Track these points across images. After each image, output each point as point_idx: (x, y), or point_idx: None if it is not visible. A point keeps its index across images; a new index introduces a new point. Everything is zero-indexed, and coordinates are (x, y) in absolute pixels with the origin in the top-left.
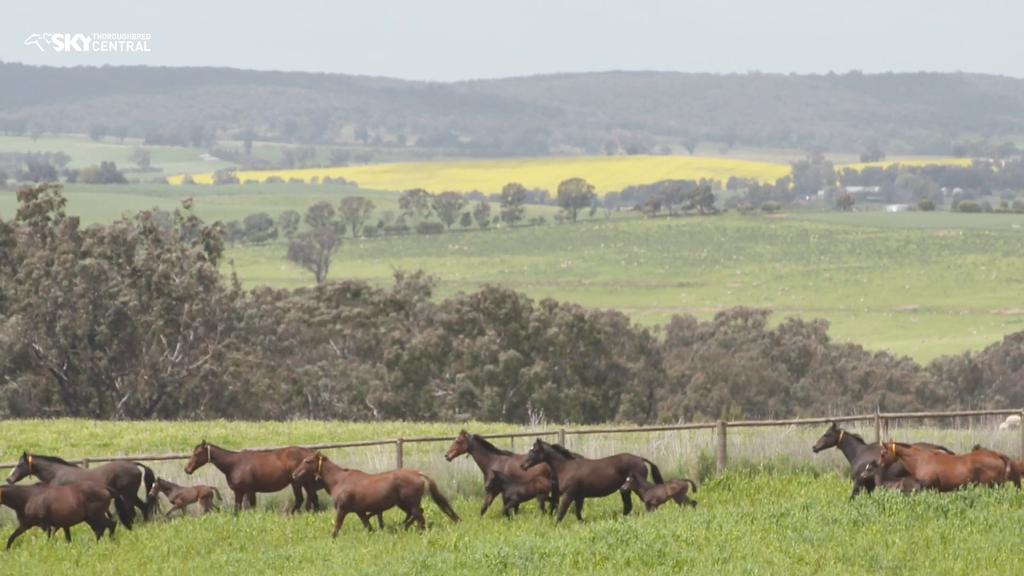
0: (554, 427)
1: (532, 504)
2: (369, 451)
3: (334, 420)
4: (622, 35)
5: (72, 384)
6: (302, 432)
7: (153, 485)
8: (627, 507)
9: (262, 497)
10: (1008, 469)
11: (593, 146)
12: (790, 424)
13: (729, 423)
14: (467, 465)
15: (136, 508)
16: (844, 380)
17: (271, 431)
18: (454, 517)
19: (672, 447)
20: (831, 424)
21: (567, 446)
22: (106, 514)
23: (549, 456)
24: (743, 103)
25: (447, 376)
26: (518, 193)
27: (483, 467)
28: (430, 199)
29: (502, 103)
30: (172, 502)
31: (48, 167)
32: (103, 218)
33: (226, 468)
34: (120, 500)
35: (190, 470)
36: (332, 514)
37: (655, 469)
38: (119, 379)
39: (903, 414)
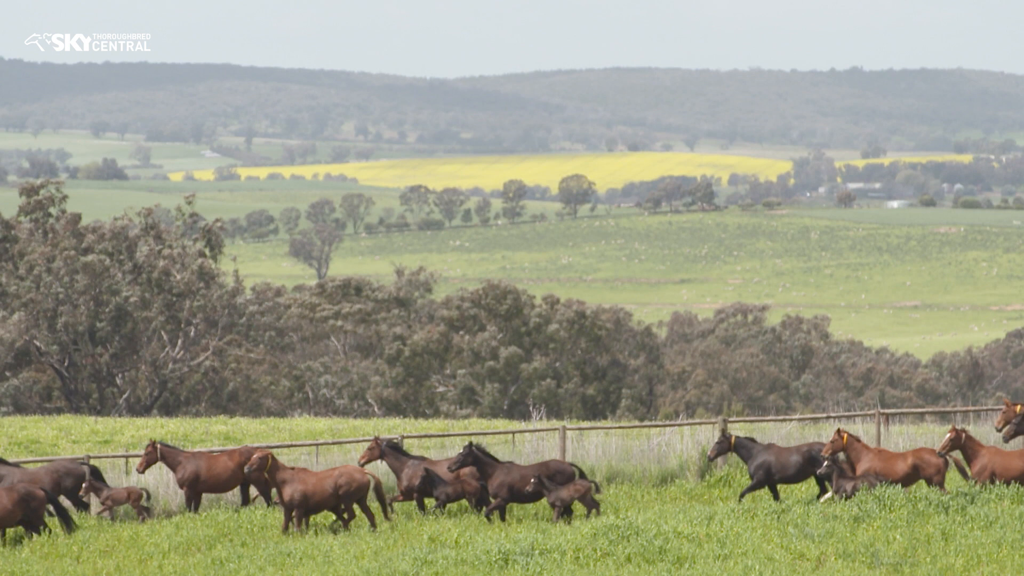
0: (555, 423)
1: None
2: None
3: (335, 416)
4: (623, 31)
5: (73, 380)
6: (303, 428)
7: (84, 486)
8: (557, 514)
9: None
10: (946, 467)
11: (594, 143)
12: (791, 420)
13: (730, 419)
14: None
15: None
16: (845, 376)
17: (272, 427)
18: (387, 518)
19: (673, 443)
20: (720, 431)
21: (568, 442)
22: (45, 514)
23: (478, 460)
24: (744, 99)
25: (448, 372)
26: (519, 190)
27: (396, 472)
28: (431, 196)
29: (503, 99)
30: (102, 503)
31: (49, 164)
32: (104, 214)
33: (175, 467)
34: (56, 501)
35: (141, 470)
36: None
37: (582, 474)
38: (120, 375)
39: (904, 410)
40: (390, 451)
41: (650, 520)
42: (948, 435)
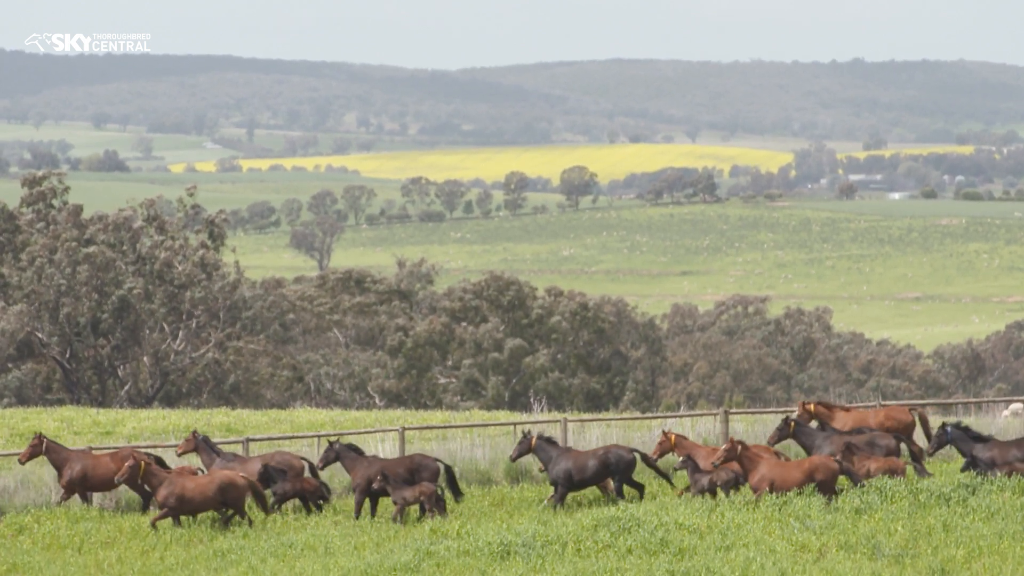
0: (556, 415)
1: (530, 492)
2: (372, 439)
3: (336, 408)
4: (624, 23)
5: (74, 372)
6: (304, 420)
7: None
8: (397, 511)
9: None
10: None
11: (596, 134)
12: (792, 412)
13: (731, 411)
14: (468, 453)
15: None
16: (846, 368)
17: (273, 419)
18: (266, 512)
19: None
20: (522, 431)
21: (569, 434)
22: None
23: (340, 455)
24: (745, 91)
25: (450, 364)
26: (520, 181)
27: (206, 466)
28: (432, 187)
29: (504, 91)
30: None
31: (51, 155)
32: (105, 206)
33: (58, 465)
34: None
35: (23, 461)
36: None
37: (449, 470)
38: (121, 367)
39: (905, 402)
40: (204, 446)
41: (651, 512)
42: (724, 447)
